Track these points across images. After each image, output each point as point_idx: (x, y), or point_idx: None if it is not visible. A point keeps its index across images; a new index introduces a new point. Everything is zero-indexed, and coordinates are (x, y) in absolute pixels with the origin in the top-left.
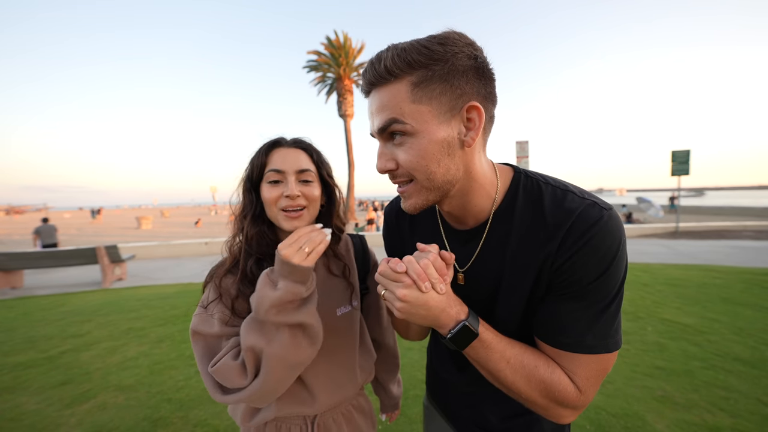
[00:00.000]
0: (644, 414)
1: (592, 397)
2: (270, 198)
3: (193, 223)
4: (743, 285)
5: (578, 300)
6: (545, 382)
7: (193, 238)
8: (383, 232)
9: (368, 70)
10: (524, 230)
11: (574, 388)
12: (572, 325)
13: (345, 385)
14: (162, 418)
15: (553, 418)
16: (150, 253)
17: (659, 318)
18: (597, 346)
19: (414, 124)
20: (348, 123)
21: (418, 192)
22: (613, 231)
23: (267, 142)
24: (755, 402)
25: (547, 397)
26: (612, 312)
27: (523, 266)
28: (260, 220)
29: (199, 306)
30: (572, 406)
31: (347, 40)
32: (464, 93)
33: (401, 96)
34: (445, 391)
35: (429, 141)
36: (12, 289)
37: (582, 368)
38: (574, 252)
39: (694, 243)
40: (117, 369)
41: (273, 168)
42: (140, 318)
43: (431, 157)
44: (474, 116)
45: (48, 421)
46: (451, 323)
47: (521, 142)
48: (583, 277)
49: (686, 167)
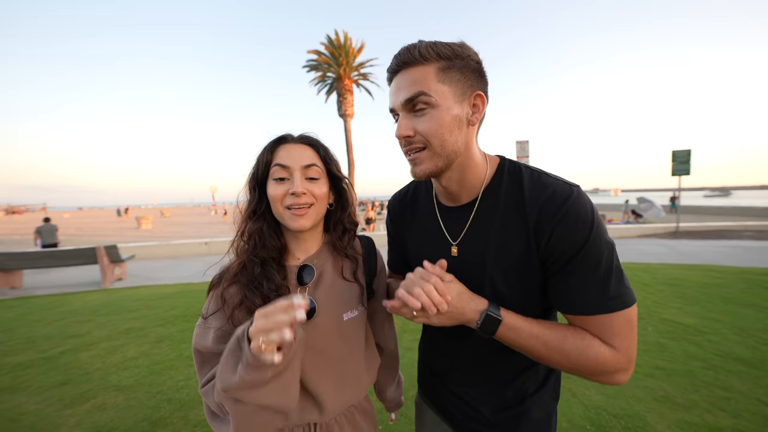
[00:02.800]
0: (645, 414)
1: (633, 351)
2: (276, 195)
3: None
4: (744, 285)
5: (581, 267)
6: (578, 348)
7: (193, 238)
8: (387, 222)
9: (402, 53)
10: (508, 204)
11: (608, 348)
12: (585, 291)
13: (352, 390)
14: (162, 418)
15: (608, 382)
16: (150, 253)
17: (660, 318)
18: (614, 303)
19: (437, 98)
20: (348, 123)
21: (430, 158)
22: (584, 202)
23: (273, 139)
24: (756, 402)
25: (586, 363)
26: (615, 271)
27: (509, 234)
28: (265, 218)
29: (201, 316)
30: (615, 367)
31: (347, 40)
32: (473, 84)
33: (430, 76)
34: (437, 386)
35: (446, 113)
36: (11, 289)
37: (609, 328)
38: (556, 224)
39: (694, 243)
40: (116, 369)
41: (278, 163)
42: (140, 318)
43: (446, 127)
44: (479, 102)
45: (47, 422)
46: (475, 316)
47: (521, 142)
48: (574, 244)
49: (687, 167)
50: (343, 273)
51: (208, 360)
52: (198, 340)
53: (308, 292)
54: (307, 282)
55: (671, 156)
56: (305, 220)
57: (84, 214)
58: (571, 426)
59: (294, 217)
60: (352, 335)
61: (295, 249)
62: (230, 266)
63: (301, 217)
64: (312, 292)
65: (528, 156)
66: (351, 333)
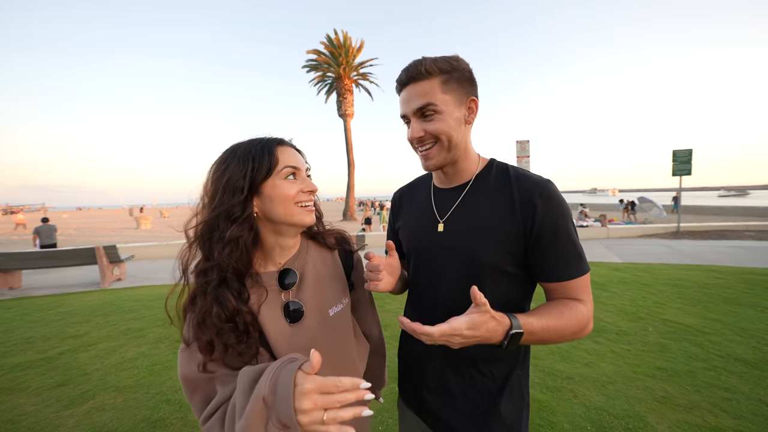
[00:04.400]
0: (645, 415)
1: (592, 303)
2: (290, 194)
3: None
4: (745, 285)
5: (560, 238)
6: (574, 318)
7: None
8: (389, 213)
9: (411, 68)
10: (497, 186)
11: (584, 305)
12: (565, 258)
13: None
14: (161, 419)
15: (587, 333)
16: (149, 254)
17: (661, 318)
18: (582, 267)
19: (442, 106)
20: (348, 123)
21: (440, 151)
22: (557, 190)
23: (272, 139)
24: (757, 403)
25: (579, 324)
26: (579, 244)
27: (496, 210)
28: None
29: (183, 341)
30: (590, 316)
31: (347, 39)
32: (468, 91)
33: (435, 88)
34: (416, 388)
35: (451, 117)
36: (10, 290)
37: (580, 288)
38: (541, 203)
39: (695, 243)
40: (115, 370)
41: (289, 165)
42: (139, 318)
43: (452, 127)
44: (473, 106)
45: (46, 423)
46: (500, 338)
47: (522, 142)
48: (555, 219)
49: (688, 167)
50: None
51: (199, 387)
52: (185, 368)
53: (292, 295)
54: (289, 286)
55: (672, 156)
56: (313, 215)
57: (89, 213)
58: (572, 427)
59: (306, 212)
60: (339, 328)
61: (278, 254)
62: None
63: (313, 212)
64: (296, 295)
65: (528, 156)
66: (338, 326)
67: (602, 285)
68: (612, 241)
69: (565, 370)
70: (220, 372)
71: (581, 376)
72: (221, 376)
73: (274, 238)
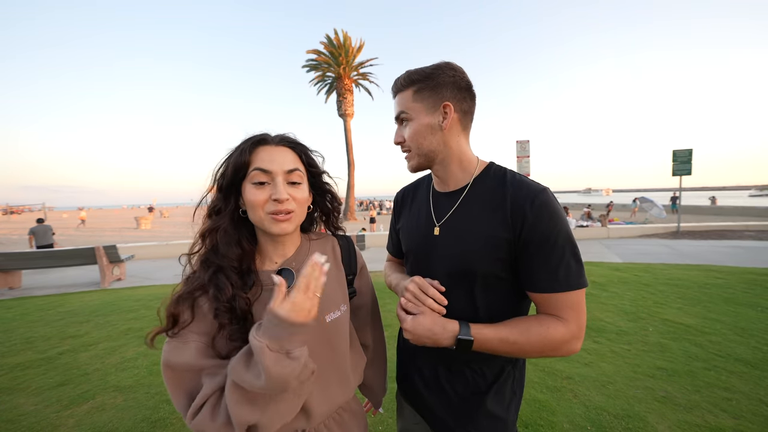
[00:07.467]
0: (645, 415)
1: (582, 322)
2: (257, 201)
3: None
4: (745, 285)
5: (546, 248)
6: (541, 334)
7: (192, 239)
8: (392, 211)
9: (395, 82)
10: (493, 192)
11: (562, 325)
12: (550, 271)
13: (339, 392)
14: (161, 419)
15: (567, 353)
16: (149, 253)
17: (661, 318)
18: (570, 283)
19: (412, 114)
20: (348, 123)
21: (413, 157)
22: (554, 198)
23: (250, 139)
24: (758, 403)
25: (551, 343)
26: (575, 258)
27: (489, 215)
28: (231, 218)
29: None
30: (569, 337)
31: (347, 39)
32: (444, 97)
33: (408, 98)
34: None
35: (419, 124)
36: (10, 290)
37: (564, 304)
38: (529, 211)
39: (695, 243)
40: (116, 370)
41: (259, 167)
42: (139, 318)
43: (419, 135)
44: (447, 110)
45: (46, 423)
46: (450, 341)
47: (522, 142)
48: (544, 229)
49: (688, 167)
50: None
51: (184, 379)
52: (173, 355)
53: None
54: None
55: (672, 156)
56: (288, 224)
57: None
58: (572, 426)
59: (276, 222)
60: (335, 337)
61: (273, 253)
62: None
63: (283, 222)
64: None
65: (528, 155)
66: (335, 335)
67: (602, 285)
68: (612, 241)
69: (565, 370)
70: (209, 363)
71: (581, 375)
72: (210, 368)
73: (264, 237)
